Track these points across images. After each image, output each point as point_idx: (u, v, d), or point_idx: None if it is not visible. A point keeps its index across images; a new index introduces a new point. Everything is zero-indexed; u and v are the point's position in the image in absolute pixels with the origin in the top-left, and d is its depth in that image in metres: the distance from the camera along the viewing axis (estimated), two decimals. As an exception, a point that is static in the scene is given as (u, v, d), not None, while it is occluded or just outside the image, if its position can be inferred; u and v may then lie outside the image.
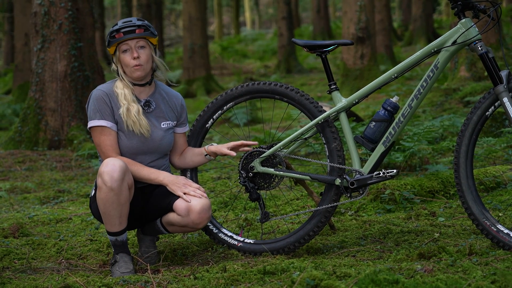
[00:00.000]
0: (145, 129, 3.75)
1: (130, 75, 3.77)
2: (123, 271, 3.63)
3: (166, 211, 3.80)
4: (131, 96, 3.76)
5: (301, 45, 3.97)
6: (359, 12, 12.36)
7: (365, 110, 10.10)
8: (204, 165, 7.23)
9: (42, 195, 6.14)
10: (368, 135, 3.87)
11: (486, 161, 6.02)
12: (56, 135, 8.51)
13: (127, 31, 3.71)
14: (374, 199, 4.98)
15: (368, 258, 3.73)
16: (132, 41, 3.73)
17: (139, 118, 3.74)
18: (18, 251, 4.14)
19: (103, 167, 3.59)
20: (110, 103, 3.74)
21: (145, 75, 3.79)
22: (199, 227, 3.76)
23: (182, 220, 3.72)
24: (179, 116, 3.94)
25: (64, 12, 8.53)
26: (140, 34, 3.72)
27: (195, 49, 15.38)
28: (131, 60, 3.73)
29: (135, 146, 3.77)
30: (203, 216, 3.70)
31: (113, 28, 3.76)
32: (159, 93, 3.89)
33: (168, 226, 3.84)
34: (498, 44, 8.48)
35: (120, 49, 3.75)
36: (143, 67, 3.75)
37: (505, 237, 3.63)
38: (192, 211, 3.69)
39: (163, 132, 3.85)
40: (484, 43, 3.72)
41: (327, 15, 24.05)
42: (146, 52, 3.76)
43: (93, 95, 3.76)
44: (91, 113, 3.74)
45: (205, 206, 3.71)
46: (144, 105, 3.81)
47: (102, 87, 3.80)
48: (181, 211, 3.70)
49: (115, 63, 3.80)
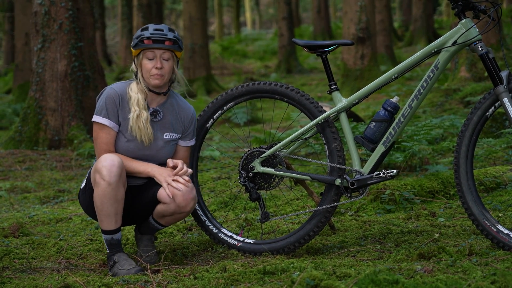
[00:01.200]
0: (148, 137, 3.77)
1: (148, 81, 3.79)
2: (128, 268, 3.62)
3: (153, 203, 3.81)
4: (143, 103, 3.78)
5: (302, 45, 3.97)
6: (360, 12, 12.37)
7: (365, 111, 10.10)
8: (205, 165, 7.24)
9: (42, 195, 6.14)
10: (368, 135, 3.87)
11: (486, 162, 6.02)
12: (56, 134, 8.51)
13: (157, 40, 3.72)
14: (374, 199, 4.98)
15: (368, 258, 3.73)
16: (159, 50, 3.74)
17: (146, 126, 3.76)
18: (18, 251, 4.14)
19: (101, 163, 3.60)
20: (118, 105, 3.76)
21: (163, 85, 3.80)
22: (187, 210, 3.75)
23: (169, 208, 3.73)
24: (186, 129, 3.94)
25: (65, 11, 8.53)
26: (169, 47, 3.73)
27: (195, 49, 15.38)
28: (153, 69, 3.74)
29: (131, 150, 3.79)
30: (187, 198, 3.70)
31: (143, 32, 3.75)
32: (170, 104, 3.89)
33: (160, 219, 3.85)
34: (498, 44, 8.48)
35: (145, 54, 3.76)
36: (163, 78, 3.76)
37: (505, 238, 3.62)
38: (176, 194, 3.69)
39: (163, 143, 3.86)
40: (484, 44, 3.72)
41: (327, 15, 24.06)
42: (170, 64, 3.77)
43: (106, 92, 3.78)
44: (99, 108, 3.77)
45: (188, 187, 3.70)
46: (151, 114, 3.83)
47: (116, 86, 3.81)
48: (165, 198, 3.71)
49: (136, 65, 3.81)
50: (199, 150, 4.16)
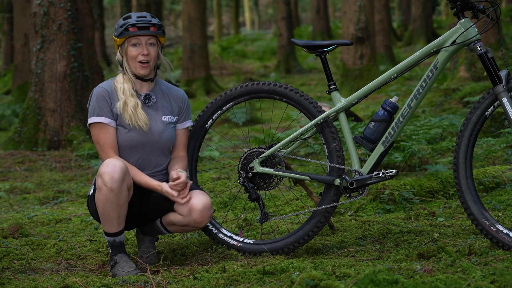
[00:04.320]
0: (143, 122, 3.77)
1: (134, 70, 3.80)
2: (128, 270, 3.62)
3: (166, 211, 3.80)
4: (129, 91, 3.79)
5: (301, 45, 3.97)
6: (359, 12, 12.36)
7: (365, 110, 10.10)
8: (204, 165, 7.24)
9: (41, 196, 6.14)
10: (367, 135, 3.87)
11: (485, 161, 6.03)
12: (56, 135, 8.51)
13: (142, 27, 3.74)
14: (373, 199, 4.98)
15: (368, 258, 3.73)
16: (144, 37, 3.76)
17: (136, 113, 3.76)
18: (17, 252, 4.14)
19: (103, 168, 3.59)
20: (109, 100, 3.77)
21: (149, 72, 3.82)
22: (201, 226, 3.78)
23: (184, 220, 3.75)
24: (180, 110, 3.94)
25: (64, 12, 8.53)
26: (154, 32, 3.76)
27: (194, 49, 15.37)
28: (139, 55, 3.76)
29: (135, 139, 3.78)
30: (204, 215, 3.73)
31: (126, 20, 3.77)
32: (159, 89, 3.91)
33: (169, 226, 3.85)
34: (497, 44, 8.48)
35: (130, 42, 3.78)
36: (149, 64, 3.78)
37: (504, 237, 3.63)
38: (194, 210, 3.71)
39: (164, 126, 3.86)
40: (483, 43, 3.72)
41: (326, 15, 24.04)
42: (155, 49, 3.80)
43: (94, 92, 3.80)
44: (91, 110, 3.78)
45: (207, 204, 3.73)
46: (145, 99, 3.84)
47: (102, 84, 3.85)
48: (183, 211, 3.73)
49: (121, 54, 3.82)
50: (198, 150, 4.16)
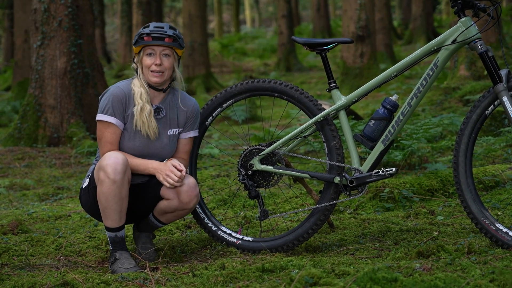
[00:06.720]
0: (152, 131, 3.78)
1: (148, 78, 3.80)
2: (127, 267, 3.63)
3: (155, 201, 3.82)
4: (146, 96, 3.79)
5: (301, 43, 3.97)
6: (359, 10, 12.36)
7: (365, 109, 10.10)
8: (204, 163, 7.24)
9: (41, 192, 6.14)
10: (367, 134, 3.87)
11: (485, 160, 6.03)
12: (56, 132, 8.51)
13: (156, 37, 3.75)
14: (373, 198, 4.98)
15: (367, 256, 3.73)
16: (159, 47, 3.76)
17: (150, 120, 3.77)
18: (17, 248, 4.14)
19: (105, 161, 3.60)
20: (125, 103, 3.77)
21: (162, 82, 3.81)
22: (190, 207, 3.78)
23: (172, 204, 3.77)
24: (187, 120, 3.92)
25: (64, 9, 8.53)
26: (168, 44, 3.75)
27: (195, 47, 15.36)
28: (153, 65, 3.76)
29: (137, 147, 3.79)
30: (191, 194, 3.75)
31: (144, 30, 3.78)
32: (170, 100, 3.90)
33: (161, 216, 3.87)
34: (498, 43, 8.47)
35: (145, 51, 3.79)
36: (163, 74, 3.78)
37: (504, 236, 3.63)
38: (179, 191, 3.73)
39: (168, 141, 3.87)
40: (484, 42, 3.72)
41: (327, 14, 24.03)
42: (170, 61, 3.79)
43: (112, 91, 3.78)
44: (103, 106, 3.76)
45: (191, 183, 3.75)
46: (155, 111, 3.84)
47: (121, 85, 3.82)
48: (170, 195, 3.75)
49: (136, 62, 3.83)
50: (198, 148, 4.16)
